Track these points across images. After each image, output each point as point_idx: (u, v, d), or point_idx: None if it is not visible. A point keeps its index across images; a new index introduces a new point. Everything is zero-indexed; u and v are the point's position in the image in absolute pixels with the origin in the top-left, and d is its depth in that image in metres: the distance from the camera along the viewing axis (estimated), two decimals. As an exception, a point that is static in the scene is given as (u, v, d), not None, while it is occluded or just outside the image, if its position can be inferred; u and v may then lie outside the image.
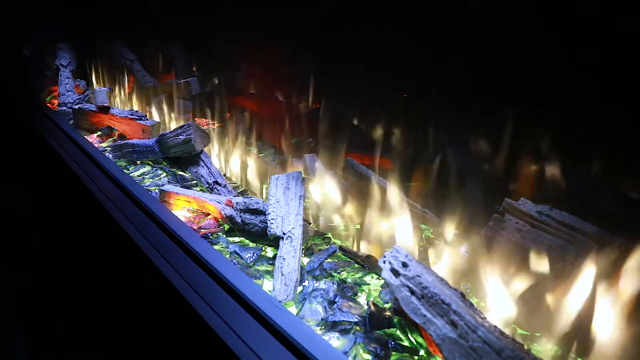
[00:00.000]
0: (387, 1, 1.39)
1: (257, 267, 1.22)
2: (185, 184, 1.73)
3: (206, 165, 1.70)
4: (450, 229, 1.19)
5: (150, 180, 1.78)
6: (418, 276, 0.88)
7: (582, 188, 1.05)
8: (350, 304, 1.04)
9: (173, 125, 2.32)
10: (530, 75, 1.09)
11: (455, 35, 1.22)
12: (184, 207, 1.52)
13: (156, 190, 1.63)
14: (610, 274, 0.89)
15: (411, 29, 1.34)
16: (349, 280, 1.15)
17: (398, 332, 0.97)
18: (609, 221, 0.97)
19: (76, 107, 2.38)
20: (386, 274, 0.92)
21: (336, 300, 1.06)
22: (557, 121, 1.07)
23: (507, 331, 0.87)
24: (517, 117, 1.13)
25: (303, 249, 1.25)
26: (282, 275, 1.10)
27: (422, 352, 0.91)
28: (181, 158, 1.77)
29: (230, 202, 1.40)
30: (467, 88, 1.25)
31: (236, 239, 1.36)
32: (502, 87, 1.18)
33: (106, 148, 2.12)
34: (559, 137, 1.08)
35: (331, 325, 0.99)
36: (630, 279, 0.85)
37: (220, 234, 1.37)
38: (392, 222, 1.27)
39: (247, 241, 1.34)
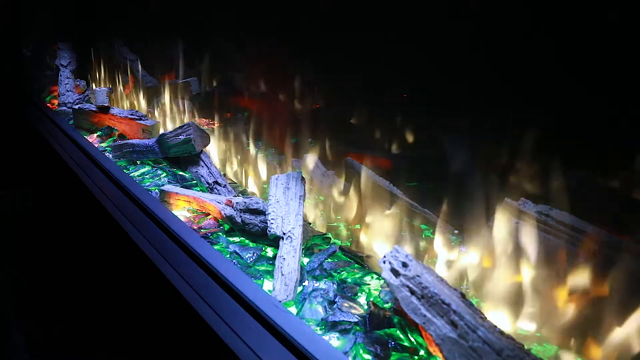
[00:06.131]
0: (387, 1, 1.39)
1: (257, 267, 1.22)
2: (185, 184, 1.73)
3: (206, 165, 1.70)
4: (450, 228, 1.18)
5: (150, 180, 1.78)
6: (418, 276, 0.88)
7: (582, 188, 1.05)
8: (350, 304, 1.04)
9: (173, 125, 2.32)
10: (530, 74, 1.09)
11: (455, 34, 1.22)
12: (184, 207, 1.52)
13: (156, 190, 1.63)
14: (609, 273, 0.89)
15: (410, 29, 1.34)
16: (349, 280, 1.15)
17: (398, 332, 0.97)
18: (609, 221, 0.97)
19: (76, 107, 2.38)
20: (386, 274, 0.92)
21: (336, 300, 1.06)
22: (557, 120, 1.07)
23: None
24: (517, 117, 1.13)
25: (303, 249, 1.25)
26: (282, 275, 1.10)
27: (422, 352, 0.91)
28: (181, 158, 1.77)
29: (230, 202, 1.40)
30: (466, 87, 1.25)
31: (236, 239, 1.36)
32: (502, 86, 1.18)
33: (106, 148, 2.12)
34: (559, 136, 1.08)
35: (331, 325, 0.99)
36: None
37: (220, 234, 1.37)
38: (392, 222, 1.27)
39: (247, 241, 1.34)
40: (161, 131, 1.99)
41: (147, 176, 1.82)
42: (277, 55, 1.87)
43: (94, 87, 2.85)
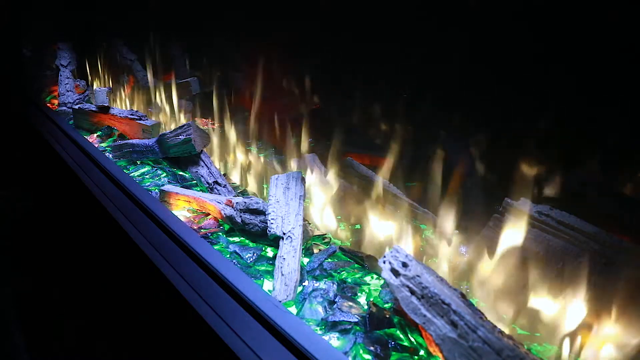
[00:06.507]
0: (386, 2, 1.39)
1: (257, 267, 1.22)
2: (185, 184, 1.73)
3: (206, 165, 1.70)
4: (450, 229, 1.18)
5: (150, 180, 1.78)
6: (418, 276, 0.88)
7: (582, 188, 1.05)
8: (350, 304, 1.04)
9: (173, 126, 2.32)
10: (529, 75, 1.09)
11: (454, 35, 1.22)
12: (184, 207, 1.52)
13: (156, 190, 1.63)
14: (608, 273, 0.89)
15: (410, 29, 1.34)
16: (349, 280, 1.15)
17: (398, 332, 0.97)
18: (609, 221, 0.97)
19: (76, 107, 2.38)
20: (386, 274, 0.92)
21: (336, 300, 1.06)
22: (557, 120, 1.07)
23: (506, 331, 0.87)
24: (517, 117, 1.13)
25: (303, 249, 1.25)
26: (282, 275, 1.10)
27: (422, 352, 0.91)
28: (181, 158, 1.77)
29: (230, 202, 1.40)
30: (466, 88, 1.25)
31: (236, 239, 1.36)
32: (501, 86, 1.18)
33: (106, 148, 2.12)
34: (559, 136, 1.08)
35: (331, 325, 0.99)
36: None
37: (220, 234, 1.37)
38: (392, 222, 1.27)
39: (247, 241, 1.34)
40: (161, 131, 1.99)
41: (147, 176, 1.82)
42: (277, 55, 1.87)
43: (95, 86, 2.86)
